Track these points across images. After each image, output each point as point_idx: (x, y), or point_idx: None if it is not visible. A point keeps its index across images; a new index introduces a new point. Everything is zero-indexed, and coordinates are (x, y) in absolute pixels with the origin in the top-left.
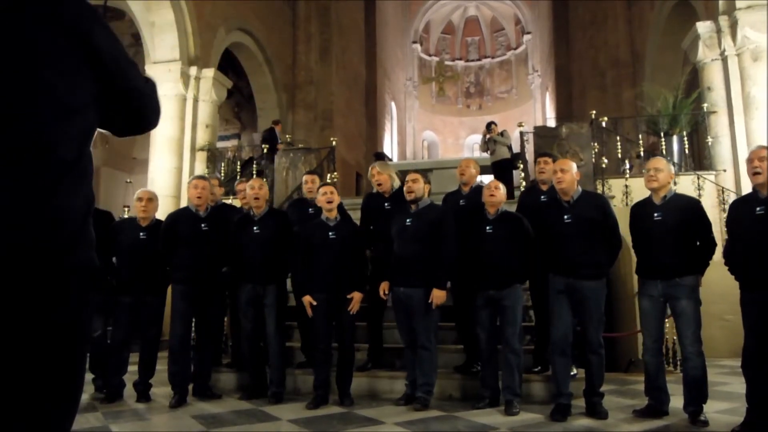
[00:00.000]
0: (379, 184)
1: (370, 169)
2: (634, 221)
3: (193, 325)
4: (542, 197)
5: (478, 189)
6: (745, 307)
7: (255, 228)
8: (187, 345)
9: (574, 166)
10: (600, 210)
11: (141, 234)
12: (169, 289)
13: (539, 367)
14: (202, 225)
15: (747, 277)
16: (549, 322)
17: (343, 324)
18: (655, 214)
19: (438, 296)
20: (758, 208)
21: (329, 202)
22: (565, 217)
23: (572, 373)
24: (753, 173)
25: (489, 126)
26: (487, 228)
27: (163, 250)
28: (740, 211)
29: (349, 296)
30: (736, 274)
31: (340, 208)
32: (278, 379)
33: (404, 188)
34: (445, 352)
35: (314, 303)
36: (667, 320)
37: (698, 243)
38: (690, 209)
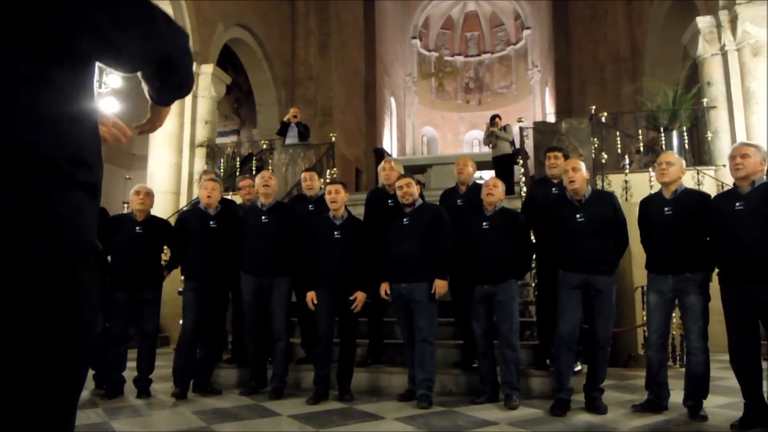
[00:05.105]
0: (389, 180)
1: (383, 162)
2: (643, 216)
3: None
4: (554, 189)
5: (476, 187)
6: (726, 302)
7: (263, 217)
8: (196, 339)
9: (583, 165)
10: (612, 208)
11: (137, 228)
12: (168, 284)
13: (548, 362)
14: (211, 222)
15: (727, 272)
16: (557, 318)
17: (345, 321)
18: (666, 209)
19: (440, 286)
20: (737, 203)
21: (333, 202)
22: (578, 216)
23: (577, 369)
24: (735, 169)
25: (493, 119)
26: (484, 224)
27: (174, 248)
28: (721, 205)
29: (351, 297)
30: (719, 268)
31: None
32: (281, 374)
33: (398, 194)
34: (443, 348)
35: (316, 301)
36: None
37: (708, 238)
38: (701, 204)
